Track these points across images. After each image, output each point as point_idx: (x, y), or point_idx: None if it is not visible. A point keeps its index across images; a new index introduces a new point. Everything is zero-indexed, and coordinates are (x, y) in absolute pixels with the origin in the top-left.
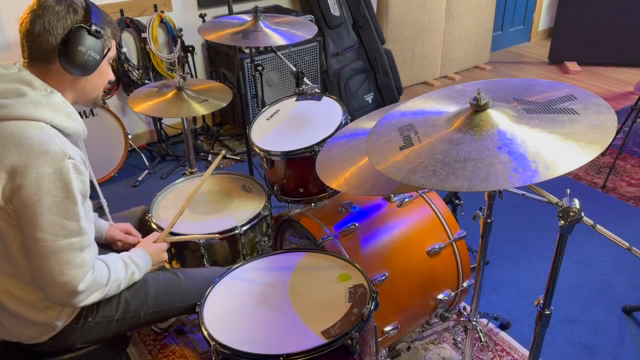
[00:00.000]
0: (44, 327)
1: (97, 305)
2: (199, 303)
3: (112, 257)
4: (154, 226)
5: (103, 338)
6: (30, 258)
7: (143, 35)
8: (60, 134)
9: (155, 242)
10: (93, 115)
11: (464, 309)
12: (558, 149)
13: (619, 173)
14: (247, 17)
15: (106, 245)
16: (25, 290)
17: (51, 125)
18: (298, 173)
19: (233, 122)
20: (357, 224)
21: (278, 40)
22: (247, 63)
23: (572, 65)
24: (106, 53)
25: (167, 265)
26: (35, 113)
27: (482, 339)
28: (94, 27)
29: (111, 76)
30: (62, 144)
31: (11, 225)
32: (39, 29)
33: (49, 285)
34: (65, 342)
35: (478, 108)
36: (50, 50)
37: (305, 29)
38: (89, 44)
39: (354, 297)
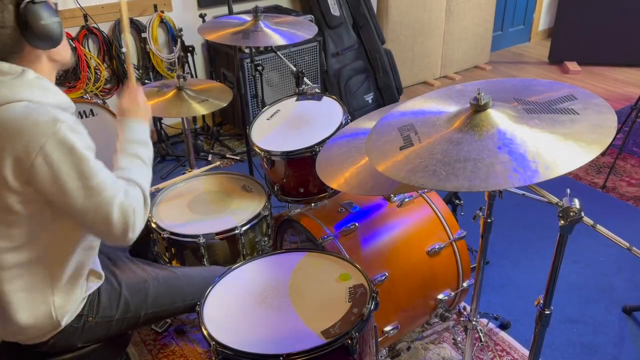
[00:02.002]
0: (49, 322)
1: (97, 305)
2: (199, 303)
3: (123, 164)
4: (153, 226)
5: (104, 337)
6: (82, 227)
7: (143, 35)
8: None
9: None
10: (93, 115)
11: (464, 308)
12: (558, 149)
13: (619, 173)
14: (247, 17)
15: None
16: (38, 275)
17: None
18: (298, 173)
19: (233, 122)
20: (357, 224)
21: (278, 40)
22: (247, 63)
23: (572, 65)
24: (56, 8)
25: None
26: (14, 95)
27: (482, 339)
28: None
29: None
30: (49, 110)
31: (32, 202)
32: None
33: (110, 238)
34: (66, 342)
35: (478, 108)
36: (15, 41)
37: (305, 29)
38: (45, 14)
39: (354, 297)
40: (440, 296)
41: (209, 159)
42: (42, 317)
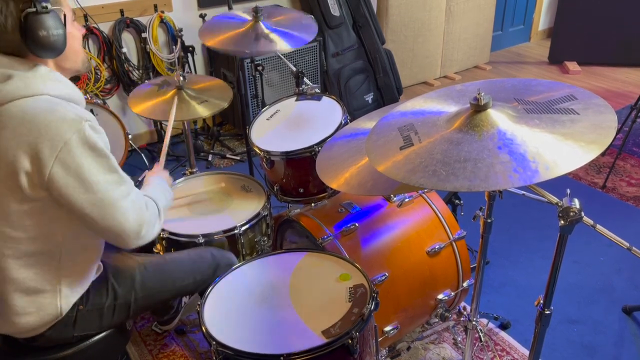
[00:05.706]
0: (52, 313)
1: (87, 293)
2: (199, 303)
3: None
4: None
5: (99, 327)
6: (94, 224)
7: (143, 35)
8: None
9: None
10: (93, 115)
11: (464, 308)
12: (558, 149)
13: (619, 173)
14: (247, 17)
15: None
16: (49, 266)
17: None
18: (298, 173)
19: (233, 122)
20: (357, 224)
21: (280, 44)
22: (247, 63)
23: (572, 65)
24: (65, 19)
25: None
26: (29, 89)
27: (482, 339)
28: (38, 6)
29: (82, 30)
30: (73, 108)
31: (46, 196)
32: None
33: (122, 235)
34: (62, 333)
35: (478, 108)
36: (17, 45)
37: (305, 29)
38: (46, 24)
39: (354, 296)
40: (440, 296)
41: (209, 158)
42: (47, 308)
